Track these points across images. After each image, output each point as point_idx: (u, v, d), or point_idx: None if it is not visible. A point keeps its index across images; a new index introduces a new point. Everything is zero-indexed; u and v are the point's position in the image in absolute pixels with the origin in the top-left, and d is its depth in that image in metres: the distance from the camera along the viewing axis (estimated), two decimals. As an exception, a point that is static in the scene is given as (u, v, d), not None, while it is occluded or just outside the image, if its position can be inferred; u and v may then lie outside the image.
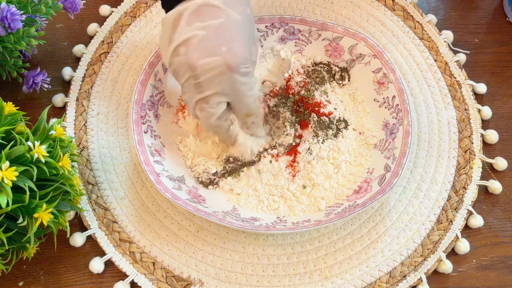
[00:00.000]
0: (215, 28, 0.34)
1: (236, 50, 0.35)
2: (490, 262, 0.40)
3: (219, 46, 0.34)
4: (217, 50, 0.34)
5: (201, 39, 0.34)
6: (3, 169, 0.31)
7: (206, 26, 0.34)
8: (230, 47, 0.34)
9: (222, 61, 0.34)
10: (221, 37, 0.34)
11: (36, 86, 0.43)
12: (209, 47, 0.34)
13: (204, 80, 0.35)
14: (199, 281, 0.38)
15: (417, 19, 0.49)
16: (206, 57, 0.34)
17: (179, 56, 0.35)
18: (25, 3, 0.40)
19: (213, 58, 0.34)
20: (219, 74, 0.35)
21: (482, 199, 0.42)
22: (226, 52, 0.34)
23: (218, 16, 0.34)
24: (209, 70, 0.34)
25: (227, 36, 0.34)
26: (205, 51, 0.34)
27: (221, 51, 0.34)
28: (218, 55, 0.34)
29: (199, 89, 0.36)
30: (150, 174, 0.38)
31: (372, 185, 0.40)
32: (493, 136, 0.44)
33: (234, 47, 0.35)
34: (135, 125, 0.40)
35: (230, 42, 0.34)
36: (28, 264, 0.39)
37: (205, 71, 0.35)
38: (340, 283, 0.38)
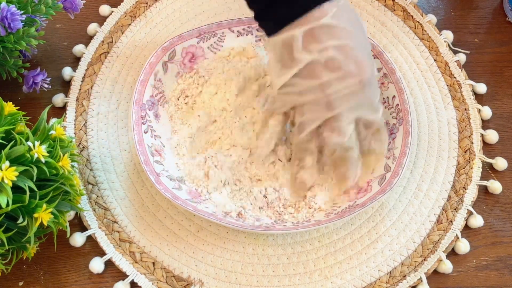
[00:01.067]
0: (339, 48, 0.34)
1: (364, 65, 0.35)
2: (490, 262, 0.40)
3: (347, 64, 0.34)
4: (345, 67, 0.34)
5: (327, 59, 0.34)
6: (3, 169, 0.31)
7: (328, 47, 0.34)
8: (358, 63, 0.35)
9: (354, 77, 0.34)
10: (346, 56, 0.34)
11: (36, 86, 0.43)
12: (337, 66, 0.34)
13: (336, 98, 0.35)
14: (199, 281, 0.38)
15: (417, 19, 0.49)
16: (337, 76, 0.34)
17: (304, 78, 0.35)
18: (25, 3, 0.40)
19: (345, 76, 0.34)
20: (352, 90, 0.35)
21: (482, 199, 0.42)
22: (355, 68, 0.34)
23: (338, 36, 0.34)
24: (342, 87, 0.34)
25: (352, 54, 0.34)
26: (334, 70, 0.34)
27: (350, 68, 0.34)
28: (349, 73, 0.34)
29: (329, 107, 0.35)
30: (150, 174, 0.38)
31: (372, 185, 0.40)
32: (493, 136, 0.44)
33: (362, 62, 0.35)
34: (135, 125, 0.40)
35: (357, 59, 0.35)
36: (28, 264, 0.39)
37: (338, 89, 0.34)
38: (340, 283, 0.38)
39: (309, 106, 0.36)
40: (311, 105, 0.36)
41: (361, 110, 0.36)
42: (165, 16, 0.49)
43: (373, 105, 0.37)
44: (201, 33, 0.44)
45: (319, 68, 0.34)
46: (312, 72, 0.35)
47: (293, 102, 0.37)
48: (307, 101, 0.36)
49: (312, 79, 0.35)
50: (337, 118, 0.36)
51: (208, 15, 0.49)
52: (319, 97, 0.35)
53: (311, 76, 0.35)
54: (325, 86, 0.35)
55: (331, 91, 0.35)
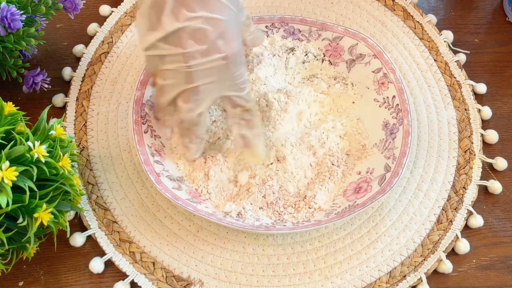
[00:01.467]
0: (209, 20, 0.33)
1: (232, 42, 0.34)
2: (490, 262, 0.40)
3: (214, 38, 0.34)
4: (212, 42, 0.34)
5: (195, 30, 0.33)
6: (3, 169, 0.31)
7: (199, 17, 0.33)
8: (225, 39, 0.34)
9: (219, 53, 0.34)
10: (215, 30, 0.34)
11: (36, 86, 0.43)
12: (204, 39, 0.33)
13: (196, 70, 0.34)
14: (199, 281, 0.38)
15: (417, 19, 0.49)
16: (202, 49, 0.34)
17: (169, 43, 0.34)
18: (25, 3, 0.40)
19: (209, 50, 0.34)
20: (215, 65, 0.34)
21: (482, 199, 0.42)
22: (222, 44, 0.34)
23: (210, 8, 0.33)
24: (204, 60, 0.34)
25: (221, 29, 0.34)
26: (199, 42, 0.34)
27: (217, 43, 0.34)
28: (214, 47, 0.34)
29: (188, 79, 0.35)
30: (150, 174, 0.38)
31: (372, 185, 0.40)
32: (493, 136, 0.44)
33: (230, 39, 0.34)
34: (135, 125, 0.40)
35: (225, 35, 0.34)
36: (28, 264, 0.39)
37: (200, 62, 0.34)
38: (340, 283, 0.38)
39: (170, 72, 0.35)
40: (172, 73, 0.35)
41: (224, 88, 0.36)
42: (165, 16, 0.49)
43: (237, 84, 0.36)
44: (201, 33, 0.44)
45: (186, 37, 0.33)
46: (177, 39, 0.34)
47: (156, 66, 0.36)
48: (169, 68, 0.35)
49: (176, 47, 0.34)
50: (194, 91, 0.35)
51: (208, 15, 0.49)
52: (181, 66, 0.34)
53: (175, 44, 0.34)
54: (188, 57, 0.34)
55: (193, 63, 0.34)
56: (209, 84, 0.35)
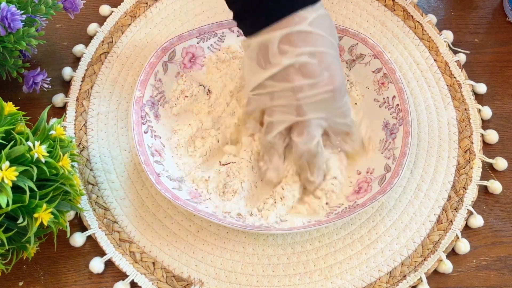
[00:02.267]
0: (314, 55, 0.35)
1: (337, 74, 0.36)
2: (490, 262, 0.40)
3: (320, 71, 0.35)
4: (319, 75, 0.35)
5: (302, 65, 0.35)
6: (3, 169, 0.31)
7: (304, 52, 0.34)
8: (331, 72, 0.35)
9: (325, 85, 0.35)
10: (320, 63, 0.35)
11: (36, 86, 0.43)
12: (311, 72, 0.35)
13: (306, 103, 0.36)
14: (199, 281, 0.38)
15: (417, 19, 0.49)
16: (310, 83, 0.35)
17: (278, 81, 0.35)
18: (25, 3, 0.40)
19: (317, 84, 0.35)
20: (323, 98, 0.36)
21: (482, 199, 0.42)
22: (328, 76, 0.35)
23: (314, 43, 0.35)
24: (313, 94, 0.35)
25: (326, 62, 0.35)
26: (307, 76, 0.35)
27: (323, 76, 0.35)
28: (321, 80, 0.35)
29: (299, 112, 0.36)
30: (150, 174, 0.38)
31: (372, 185, 0.40)
32: (493, 136, 0.44)
33: (335, 71, 0.36)
34: (135, 125, 0.41)
35: (330, 68, 0.35)
36: (28, 264, 0.39)
37: (309, 95, 0.35)
38: (340, 283, 0.38)
39: (279, 108, 0.36)
40: (281, 108, 0.36)
41: (330, 118, 0.37)
42: (165, 16, 0.49)
43: (342, 113, 0.38)
44: (201, 33, 0.44)
45: (293, 72, 0.35)
46: (286, 75, 0.35)
47: (265, 104, 0.37)
48: (278, 104, 0.36)
49: (285, 83, 0.35)
50: (306, 124, 0.37)
51: (208, 15, 0.49)
52: (290, 101, 0.36)
53: (284, 80, 0.35)
54: (297, 91, 0.35)
55: (302, 96, 0.35)
56: (319, 115, 0.37)
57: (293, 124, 0.37)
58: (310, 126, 0.37)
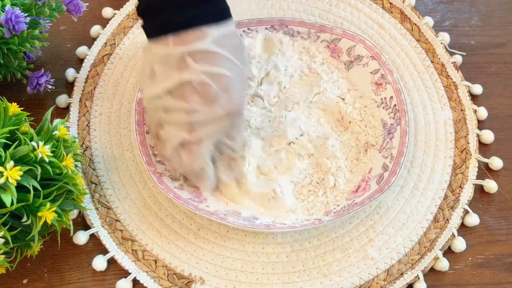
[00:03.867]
0: (214, 76, 0.34)
1: (235, 97, 0.35)
2: (486, 260, 0.41)
3: (217, 94, 0.35)
4: (216, 97, 0.35)
5: (200, 84, 0.34)
6: (8, 169, 0.31)
7: (205, 71, 0.34)
8: (229, 95, 0.35)
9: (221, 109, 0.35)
10: (219, 84, 0.35)
11: (40, 87, 0.44)
12: (208, 94, 0.34)
13: (199, 122, 0.35)
14: (200, 279, 0.39)
15: (414, 21, 0.50)
16: (205, 103, 0.35)
17: (174, 97, 0.35)
18: (29, 5, 0.41)
19: (212, 106, 0.35)
20: (216, 120, 0.36)
21: (478, 198, 0.43)
22: (226, 99, 0.35)
23: (215, 63, 0.34)
24: (208, 116, 0.35)
25: (225, 84, 0.35)
26: (203, 97, 0.34)
27: (220, 98, 0.35)
28: (216, 104, 0.35)
29: (191, 130, 0.36)
30: (152, 174, 0.39)
31: (370, 184, 0.41)
32: (489, 136, 0.45)
33: (233, 94, 0.35)
34: (137, 126, 0.41)
35: (229, 90, 0.35)
36: (32, 262, 0.39)
37: (203, 117, 0.35)
38: (338, 280, 0.39)
39: (173, 124, 0.36)
40: (174, 124, 0.36)
41: (220, 136, 0.37)
42: (167, 18, 0.49)
43: (232, 135, 0.38)
44: (202, 35, 0.45)
45: (190, 91, 0.34)
46: (182, 93, 0.34)
47: (160, 118, 0.37)
48: (172, 120, 0.36)
49: (180, 101, 0.34)
50: (196, 142, 0.36)
51: (208, 17, 0.49)
52: (183, 119, 0.35)
53: (180, 97, 0.34)
54: (190, 112, 0.35)
55: (196, 116, 0.35)
56: (210, 135, 0.36)
57: (184, 141, 0.37)
58: (199, 145, 0.37)
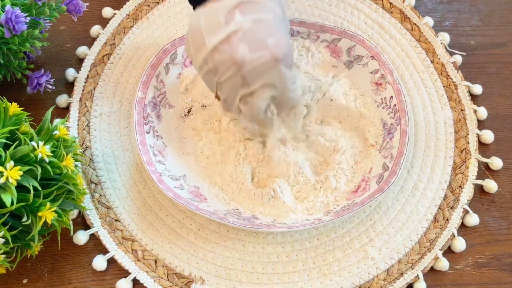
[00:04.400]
0: (259, 22, 0.34)
1: (281, 43, 0.34)
2: (486, 260, 0.41)
3: (264, 39, 0.34)
4: (262, 43, 0.34)
5: (245, 32, 0.33)
6: (8, 169, 0.31)
7: (248, 20, 0.33)
8: (276, 40, 0.34)
9: (269, 53, 0.34)
10: (265, 30, 0.34)
11: (40, 87, 0.44)
12: (254, 41, 0.34)
13: (250, 74, 0.34)
14: (200, 279, 0.39)
15: (414, 21, 0.50)
16: (253, 51, 0.34)
17: (220, 53, 0.34)
18: (29, 5, 0.41)
19: (260, 51, 0.34)
20: (266, 67, 0.34)
21: (478, 198, 0.43)
22: (272, 45, 0.34)
23: (259, 10, 0.34)
24: (257, 63, 0.34)
25: (271, 29, 0.34)
26: (250, 44, 0.33)
27: (267, 44, 0.34)
28: (264, 48, 0.34)
29: (244, 84, 0.35)
30: (152, 174, 0.39)
31: (370, 184, 0.41)
32: (489, 136, 0.45)
33: (280, 39, 0.34)
34: (137, 126, 0.41)
35: (275, 35, 0.34)
36: (32, 261, 0.39)
37: (252, 65, 0.34)
38: (338, 280, 0.39)
39: (226, 83, 0.35)
40: (227, 82, 0.35)
41: (275, 89, 0.36)
42: (167, 19, 0.49)
43: (288, 84, 0.36)
44: (202, 35, 0.45)
45: (236, 40, 0.33)
46: (228, 45, 0.33)
47: (213, 81, 0.36)
48: (224, 78, 0.35)
49: (227, 54, 0.34)
50: (252, 94, 0.36)
51: (208, 17, 0.49)
52: (234, 72, 0.34)
53: (227, 50, 0.34)
54: (238, 61, 0.34)
55: (246, 68, 0.34)
56: (263, 86, 0.35)
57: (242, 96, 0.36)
58: (255, 95, 0.35)
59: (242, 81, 0.35)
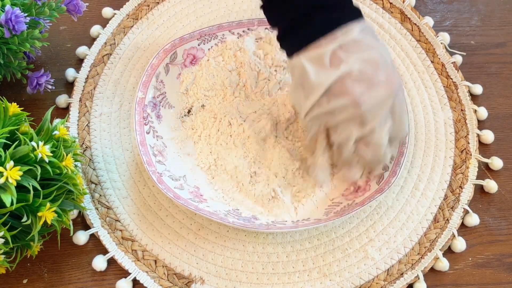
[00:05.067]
0: (367, 62, 0.33)
1: (394, 76, 0.35)
2: (486, 260, 0.41)
3: (376, 75, 0.34)
4: (375, 80, 0.33)
5: (359, 72, 0.33)
6: (8, 169, 0.31)
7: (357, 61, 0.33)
8: (388, 74, 0.34)
9: (385, 88, 0.34)
10: (375, 67, 0.34)
11: (40, 87, 0.44)
12: (368, 79, 0.33)
13: (369, 111, 0.34)
14: (200, 279, 0.39)
15: (414, 21, 0.50)
16: (370, 88, 0.33)
17: (337, 94, 0.34)
18: (29, 5, 0.41)
19: (376, 88, 0.33)
20: (383, 102, 0.34)
21: (478, 198, 0.43)
22: (385, 79, 0.34)
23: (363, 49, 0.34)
24: (374, 99, 0.34)
25: (381, 65, 0.34)
26: (365, 83, 0.33)
27: (380, 79, 0.34)
28: (380, 85, 0.34)
29: (362, 123, 0.34)
30: (152, 174, 0.39)
31: (370, 184, 0.41)
32: (489, 136, 0.45)
33: (390, 73, 0.34)
34: (137, 126, 0.41)
35: (386, 70, 0.34)
36: (32, 262, 0.39)
37: (371, 102, 0.34)
38: (338, 280, 0.39)
39: (343, 124, 0.35)
40: (345, 123, 0.35)
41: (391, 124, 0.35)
42: (167, 19, 0.49)
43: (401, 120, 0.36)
44: (202, 35, 0.45)
45: (350, 81, 0.33)
46: (342, 86, 0.33)
47: (327, 123, 0.36)
48: (341, 120, 0.35)
49: (343, 96, 0.33)
50: (371, 132, 0.35)
51: (209, 18, 0.50)
52: (352, 113, 0.34)
53: (342, 92, 0.33)
54: (356, 101, 0.33)
55: (364, 107, 0.34)
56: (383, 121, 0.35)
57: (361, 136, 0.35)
58: (375, 133, 0.35)
59: (360, 121, 0.34)
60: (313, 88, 0.34)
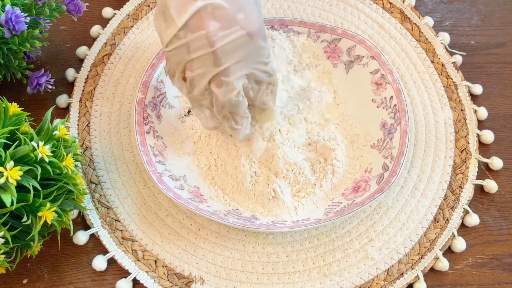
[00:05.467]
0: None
1: (252, 16, 0.33)
2: (486, 260, 0.41)
3: (234, 13, 0.33)
4: (233, 18, 0.33)
5: (214, 8, 0.32)
6: (8, 169, 0.31)
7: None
8: (246, 14, 0.33)
9: (241, 28, 0.33)
10: (234, 4, 0.33)
11: (40, 87, 0.44)
12: (224, 16, 0.32)
13: (222, 51, 0.33)
14: (200, 279, 0.39)
15: (414, 21, 0.50)
16: (224, 26, 0.32)
17: (192, 30, 0.33)
18: (29, 5, 0.41)
19: (232, 27, 0.33)
20: (239, 43, 0.33)
21: (478, 198, 0.43)
22: (243, 19, 0.33)
23: None
24: (229, 40, 0.33)
25: (240, 3, 0.33)
26: (221, 20, 0.32)
27: (237, 18, 0.33)
28: (236, 23, 0.33)
29: (216, 62, 0.33)
30: (152, 174, 0.39)
31: (370, 184, 0.41)
32: (489, 136, 0.45)
33: (250, 13, 0.33)
34: (137, 126, 0.41)
35: (245, 8, 0.33)
36: (32, 262, 0.39)
37: (224, 42, 0.33)
38: (338, 280, 0.39)
39: (197, 61, 0.34)
40: (199, 61, 0.34)
41: (250, 65, 0.35)
42: (167, 19, 0.49)
43: (262, 59, 0.35)
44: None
45: (206, 16, 0.32)
46: (199, 21, 0.32)
47: (183, 59, 0.35)
48: (195, 56, 0.34)
49: (198, 30, 0.33)
50: (225, 73, 0.34)
51: (208, 18, 0.49)
52: (206, 50, 0.33)
53: (197, 27, 0.33)
54: (212, 38, 0.33)
55: (218, 44, 0.33)
56: (237, 63, 0.34)
57: (214, 76, 0.34)
58: (229, 76, 0.34)
59: (214, 59, 0.34)
60: (172, 20, 0.33)
